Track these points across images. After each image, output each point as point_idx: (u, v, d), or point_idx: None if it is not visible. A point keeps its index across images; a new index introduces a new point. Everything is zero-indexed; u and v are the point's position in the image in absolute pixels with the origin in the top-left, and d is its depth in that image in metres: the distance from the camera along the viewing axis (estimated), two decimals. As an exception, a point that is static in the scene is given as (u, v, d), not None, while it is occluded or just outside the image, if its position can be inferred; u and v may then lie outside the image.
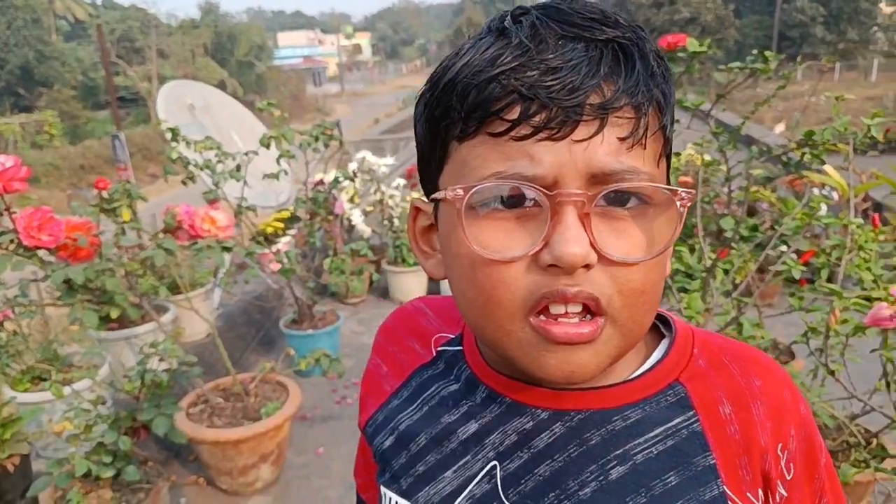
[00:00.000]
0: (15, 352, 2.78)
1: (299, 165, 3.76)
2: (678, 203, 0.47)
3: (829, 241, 2.40)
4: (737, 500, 0.53)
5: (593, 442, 0.54)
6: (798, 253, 2.81)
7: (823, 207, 4.54)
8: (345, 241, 4.79)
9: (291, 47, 61.36)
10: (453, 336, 0.65)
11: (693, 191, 0.48)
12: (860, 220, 2.48)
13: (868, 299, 2.08)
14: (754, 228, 2.82)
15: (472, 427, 0.58)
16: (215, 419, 2.74)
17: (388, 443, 0.62)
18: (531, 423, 0.55)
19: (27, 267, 2.42)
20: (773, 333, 3.12)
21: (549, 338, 0.47)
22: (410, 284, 4.77)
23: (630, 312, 0.48)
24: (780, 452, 0.54)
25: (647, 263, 0.47)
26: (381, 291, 4.87)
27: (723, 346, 0.58)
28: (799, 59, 2.88)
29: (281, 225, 4.98)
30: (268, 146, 3.29)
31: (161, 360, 2.28)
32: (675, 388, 0.55)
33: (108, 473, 2.08)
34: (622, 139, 0.45)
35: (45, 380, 2.77)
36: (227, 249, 2.87)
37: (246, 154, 3.30)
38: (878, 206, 4.96)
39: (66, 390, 2.17)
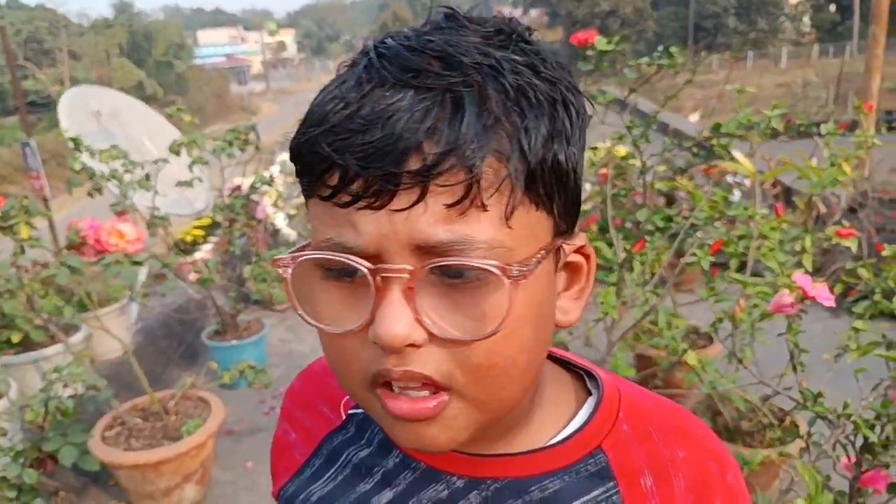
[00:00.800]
0: None
1: (214, 172, 3.64)
2: (507, 281, 0.42)
3: (736, 230, 2.49)
4: None
5: None
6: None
7: (737, 194, 4.73)
8: (269, 246, 4.68)
9: (213, 46, 59.46)
10: None
11: (524, 268, 0.43)
12: (764, 211, 2.59)
13: (774, 287, 2.17)
14: (668, 219, 2.90)
15: (387, 495, 0.55)
16: (133, 441, 2.62)
17: None
18: (446, 493, 0.53)
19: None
20: (693, 319, 3.23)
21: (389, 413, 0.45)
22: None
23: (479, 388, 0.45)
24: None
25: (492, 338, 0.43)
26: (310, 296, 4.78)
27: (651, 412, 0.56)
28: (703, 54, 2.98)
29: (201, 233, 4.83)
30: (178, 153, 3.17)
31: (65, 385, 2.16)
32: (597, 457, 0.53)
33: (12, 510, 1.96)
34: (450, 206, 0.40)
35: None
36: (138, 263, 2.75)
37: (155, 162, 3.16)
38: (787, 191, 5.19)
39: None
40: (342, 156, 0.41)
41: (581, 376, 0.59)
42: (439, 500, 0.53)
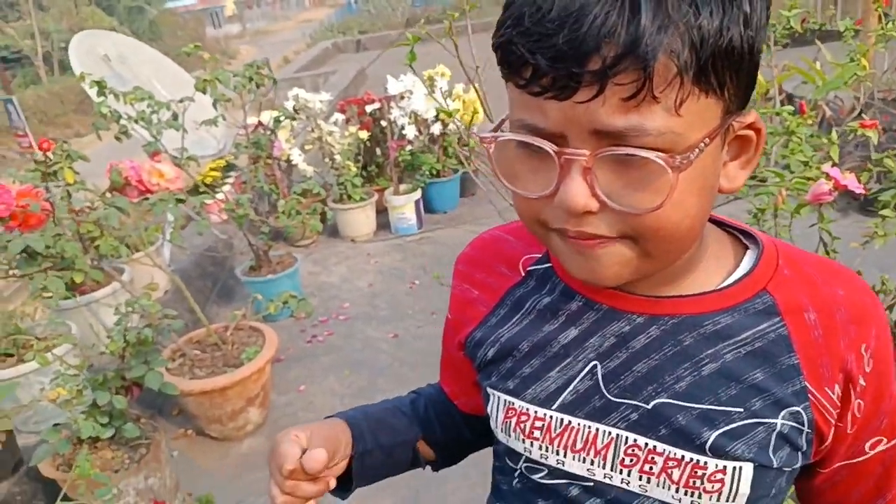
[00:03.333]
0: (-25, 332, 2.67)
1: (233, 109, 3.65)
2: (669, 168, 0.48)
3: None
4: (816, 393, 0.59)
5: (687, 343, 0.59)
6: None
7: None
8: (287, 182, 4.72)
9: (180, -12, 57.32)
10: (539, 255, 0.70)
11: (689, 155, 0.49)
12: (791, 108, 2.65)
13: (806, 179, 2.27)
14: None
15: (573, 332, 0.64)
16: (196, 371, 2.75)
17: (490, 353, 0.68)
18: (628, 327, 0.61)
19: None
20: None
21: (567, 242, 0.56)
22: (358, 220, 4.78)
23: (649, 244, 0.53)
24: (863, 352, 0.59)
25: (658, 210, 0.50)
26: (331, 231, 4.85)
27: (806, 259, 0.63)
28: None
29: (218, 174, 4.84)
30: (204, 91, 3.17)
31: (141, 316, 2.26)
32: (763, 297, 0.60)
33: (108, 433, 2.09)
34: (625, 99, 0.46)
35: (11, 355, 2.69)
36: (181, 201, 2.81)
37: (181, 101, 3.17)
38: (789, 97, 5.24)
39: (49, 356, 2.13)
40: (534, 56, 0.48)
41: (737, 237, 0.66)
42: (622, 334, 0.62)
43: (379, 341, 3.51)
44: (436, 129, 4.75)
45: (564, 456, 0.64)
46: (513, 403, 0.66)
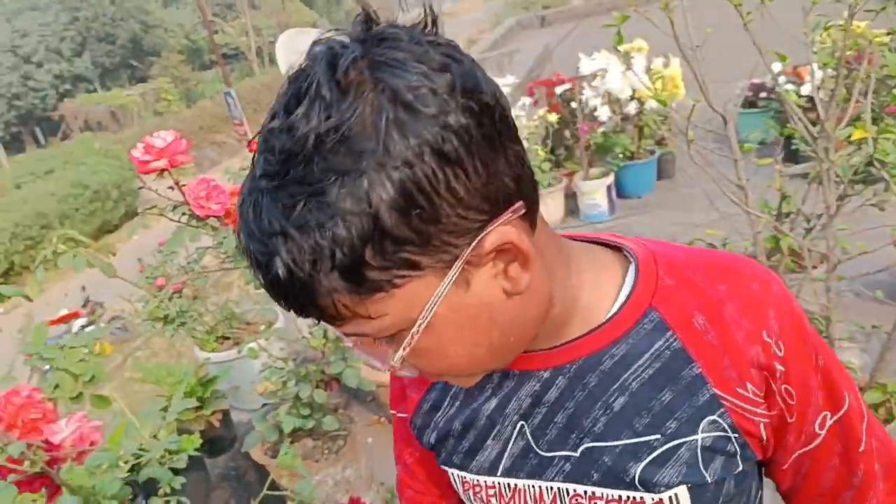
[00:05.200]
0: (197, 315, 2.94)
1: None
2: (396, 349, 0.53)
3: None
4: (728, 397, 0.58)
5: (593, 384, 0.61)
6: None
7: None
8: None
9: (372, -24, 60.24)
10: None
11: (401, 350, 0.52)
12: None
13: None
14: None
15: (493, 402, 0.66)
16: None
17: (432, 438, 0.72)
18: (538, 385, 0.63)
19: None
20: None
21: None
22: (546, 206, 4.62)
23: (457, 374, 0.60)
24: (767, 338, 0.57)
25: (425, 361, 0.55)
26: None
27: (686, 261, 0.62)
28: None
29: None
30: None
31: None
32: (650, 315, 0.59)
33: (309, 425, 2.17)
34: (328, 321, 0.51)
35: (227, 338, 2.93)
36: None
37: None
38: None
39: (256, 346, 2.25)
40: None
41: (619, 248, 0.64)
42: (534, 392, 0.63)
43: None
44: (631, 108, 4.44)
45: None
46: (465, 477, 0.70)
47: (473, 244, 0.48)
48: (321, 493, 2.22)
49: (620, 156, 4.53)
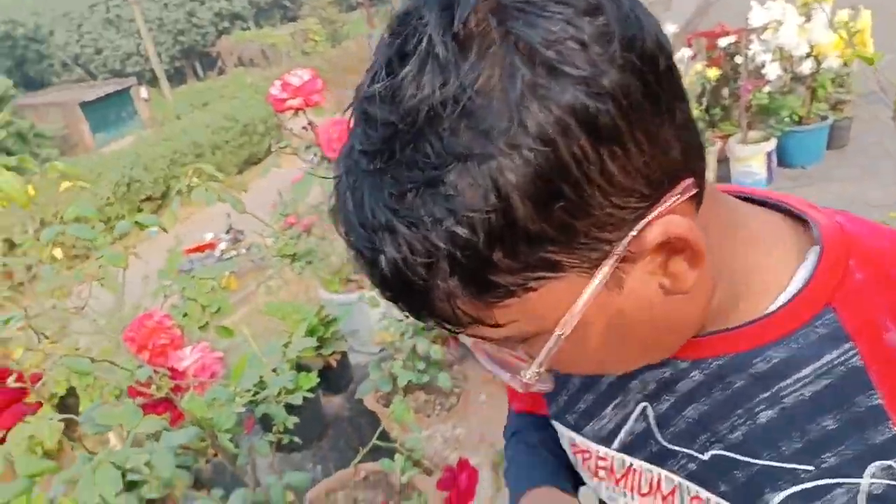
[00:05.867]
0: (324, 255, 2.98)
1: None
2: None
3: None
4: None
5: (737, 385, 0.50)
6: None
7: None
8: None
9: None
10: None
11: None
12: None
13: None
14: None
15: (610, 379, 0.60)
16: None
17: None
18: (669, 372, 0.54)
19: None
20: None
21: None
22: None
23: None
24: None
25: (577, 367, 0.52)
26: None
27: (893, 251, 0.48)
28: None
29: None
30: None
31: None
32: (826, 316, 0.47)
33: (423, 380, 2.14)
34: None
35: (352, 281, 2.95)
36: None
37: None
38: None
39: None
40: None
41: (802, 219, 0.51)
42: (663, 379, 0.54)
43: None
44: (805, 66, 3.95)
45: (633, 499, 0.60)
46: (574, 440, 0.65)
47: (630, 237, 0.39)
48: (430, 448, 2.20)
49: (787, 119, 4.07)
